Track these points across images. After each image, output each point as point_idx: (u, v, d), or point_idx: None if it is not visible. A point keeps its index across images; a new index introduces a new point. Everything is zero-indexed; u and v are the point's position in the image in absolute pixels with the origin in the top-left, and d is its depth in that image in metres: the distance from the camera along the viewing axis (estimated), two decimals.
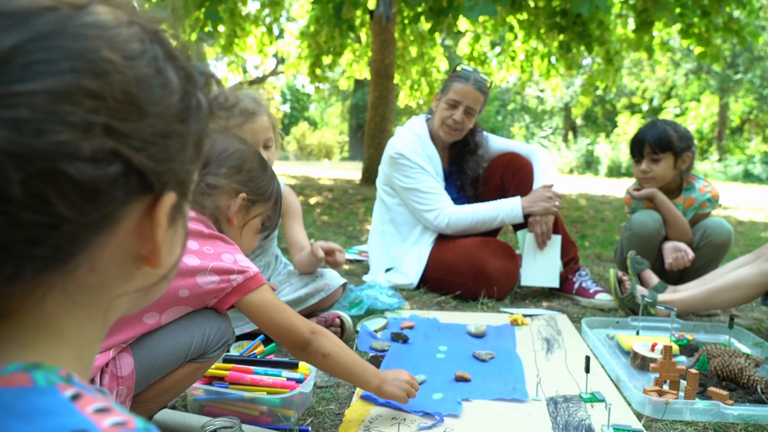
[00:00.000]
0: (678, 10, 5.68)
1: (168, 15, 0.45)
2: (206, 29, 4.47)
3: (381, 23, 6.97)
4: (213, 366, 1.36)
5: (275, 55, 10.53)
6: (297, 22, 10.15)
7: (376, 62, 7.09)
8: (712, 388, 1.36)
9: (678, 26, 5.98)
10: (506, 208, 2.34)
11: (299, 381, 1.30)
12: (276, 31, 8.89)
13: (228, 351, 1.58)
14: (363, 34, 8.87)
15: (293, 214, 1.96)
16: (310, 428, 1.22)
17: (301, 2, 9.00)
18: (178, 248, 0.47)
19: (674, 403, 1.29)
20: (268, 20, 8.21)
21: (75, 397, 0.35)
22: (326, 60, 8.52)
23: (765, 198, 8.68)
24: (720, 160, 16.48)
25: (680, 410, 1.29)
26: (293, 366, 1.36)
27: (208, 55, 8.46)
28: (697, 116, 20.18)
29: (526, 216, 2.34)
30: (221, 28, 6.57)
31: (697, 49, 6.11)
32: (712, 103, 19.71)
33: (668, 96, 20.98)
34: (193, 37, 4.53)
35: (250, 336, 1.68)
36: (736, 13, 5.95)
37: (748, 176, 14.06)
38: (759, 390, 1.37)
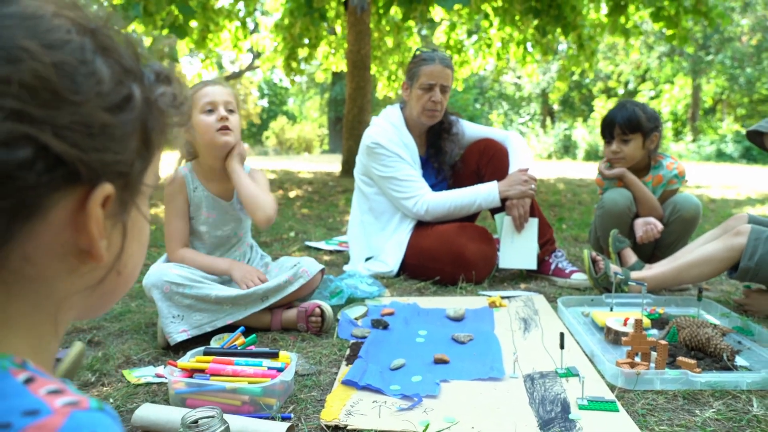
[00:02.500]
0: None
1: (116, 14, 0.46)
2: (178, 23, 4.41)
3: (356, 14, 6.94)
4: (194, 359, 1.37)
5: (251, 50, 10.41)
6: (272, 16, 10.04)
7: (353, 53, 7.07)
8: (681, 358, 1.41)
9: (649, 10, 6.06)
10: (483, 193, 2.37)
11: (280, 370, 1.32)
12: (251, 26, 8.80)
13: (208, 344, 1.59)
14: (338, 26, 8.82)
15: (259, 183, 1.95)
16: (292, 415, 1.23)
17: None
18: (125, 242, 0.47)
19: (645, 374, 1.34)
20: (242, 14, 8.12)
21: (28, 381, 0.36)
22: (302, 53, 8.47)
23: (736, 176, 8.87)
24: (694, 140, 16.78)
25: (651, 380, 1.34)
26: (274, 355, 1.37)
27: (181, 51, 8.33)
28: (671, 98, 20.51)
29: (504, 200, 2.37)
30: (193, 24, 6.48)
31: (668, 32, 6.20)
32: (686, 84, 20.04)
33: (643, 79, 21.27)
34: (165, 31, 4.47)
35: (229, 328, 1.69)
36: None
37: (720, 155, 14.35)
38: (725, 357, 1.43)
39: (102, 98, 0.40)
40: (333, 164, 11.39)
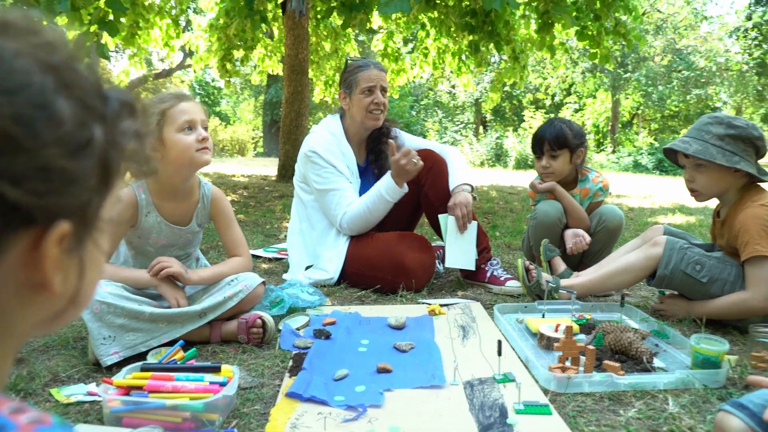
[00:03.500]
0: (574, 14, 6.10)
1: (83, 38, 0.45)
2: (107, 19, 4.20)
3: (294, 18, 6.89)
4: (130, 376, 1.32)
5: (182, 48, 10.06)
6: (205, 15, 9.76)
7: (290, 58, 7.00)
8: (606, 362, 1.51)
9: (574, 29, 6.42)
10: (382, 183, 2.38)
11: (223, 384, 1.30)
12: (183, 23, 8.51)
13: (145, 359, 1.54)
14: (275, 29, 8.71)
15: (225, 219, 1.93)
16: (236, 430, 1.22)
17: None
18: (83, 275, 0.46)
19: (575, 378, 1.43)
20: (174, 12, 7.83)
21: None
22: (237, 54, 8.29)
23: (651, 186, 9.55)
24: (614, 151, 17.87)
25: (580, 384, 1.43)
26: (216, 369, 1.35)
27: (109, 46, 7.92)
28: (593, 111, 21.77)
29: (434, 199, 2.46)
30: (122, 19, 6.18)
31: (591, 50, 6.59)
32: (606, 99, 21.34)
33: (568, 92, 22.45)
34: (94, 28, 4.24)
35: (167, 342, 1.63)
36: (624, 18, 6.48)
37: (637, 166, 15.34)
38: (645, 360, 1.54)
39: (62, 143, 0.40)
40: (268, 168, 11.20)
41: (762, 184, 1.92)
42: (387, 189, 2.36)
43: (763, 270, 1.78)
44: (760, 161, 1.92)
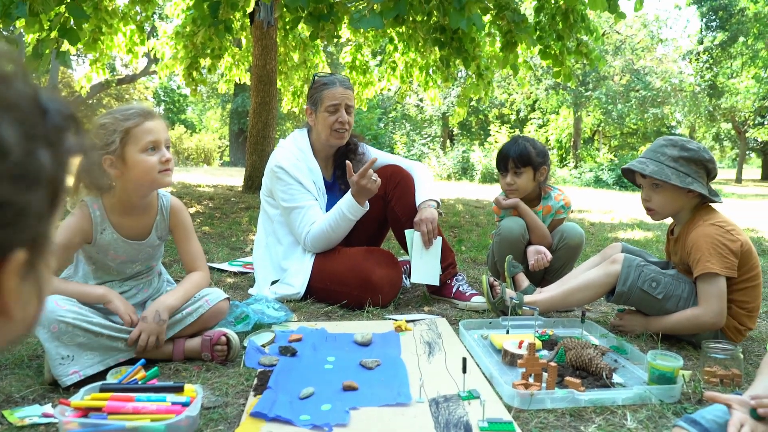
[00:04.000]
0: (537, 34, 6.29)
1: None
2: (68, 26, 4.09)
3: (262, 28, 6.87)
4: (89, 396, 1.28)
5: (147, 54, 9.88)
6: (171, 21, 9.62)
7: (258, 68, 6.97)
8: (568, 378, 1.55)
9: (538, 47, 6.61)
10: (344, 202, 2.39)
11: (185, 404, 1.27)
12: (148, 29, 8.36)
13: (104, 379, 1.49)
14: (243, 38, 8.65)
15: (184, 231, 1.89)
16: None
17: (175, 0, 8.56)
18: (41, 298, 0.46)
19: (537, 394, 1.46)
20: (138, 17, 7.69)
21: None
22: (204, 63, 8.19)
23: (611, 201, 9.84)
24: (576, 167, 18.36)
25: (543, 400, 1.46)
26: (178, 389, 1.32)
27: (71, 51, 7.71)
28: (557, 127, 22.39)
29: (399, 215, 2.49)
30: (84, 26, 6.03)
31: (554, 69, 6.80)
32: (569, 116, 21.98)
33: (533, 108, 23.02)
34: (54, 34, 4.12)
35: (128, 361, 1.59)
36: (585, 38, 6.71)
37: (598, 182, 15.79)
38: (604, 376, 1.59)
39: (9, 175, 0.38)
40: (235, 178, 11.06)
41: (713, 205, 2.01)
42: (348, 207, 2.37)
43: (713, 286, 1.86)
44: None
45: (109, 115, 1.63)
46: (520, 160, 2.53)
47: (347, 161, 2.39)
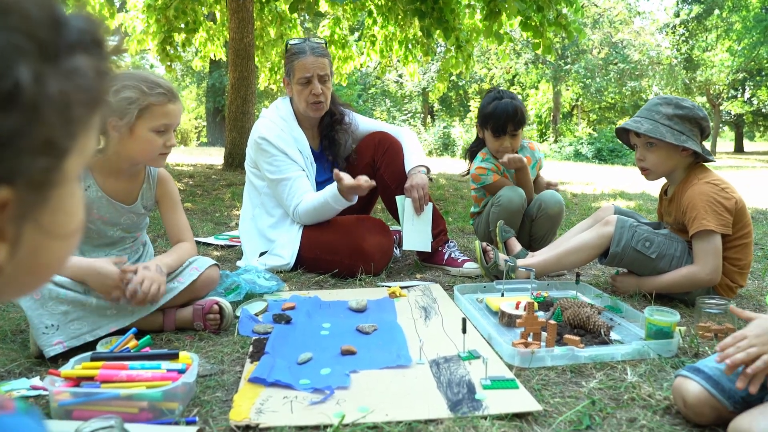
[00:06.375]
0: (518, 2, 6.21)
1: None
2: None
3: (238, 0, 6.66)
4: (79, 366, 1.23)
5: (117, 30, 9.52)
6: None
7: (235, 42, 6.78)
8: (567, 336, 1.54)
9: (519, 19, 6.54)
10: (329, 192, 2.32)
11: (181, 371, 1.23)
12: (117, 3, 8.06)
13: (94, 349, 1.44)
14: (218, 12, 8.40)
15: (170, 201, 1.83)
16: (197, 419, 1.16)
17: None
18: (34, 255, 0.41)
19: (538, 352, 1.45)
20: None
21: None
22: (178, 37, 7.94)
23: (591, 174, 9.92)
24: (556, 141, 18.46)
25: (543, 358, 1.45)
26: (173, 356, 1.28)
27: None
28: (536, 102, 22.39)
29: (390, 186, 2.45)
30: None
31: (534, 41, 6.75)
32: (548, 90, 21.99)
33: (512, 83, 22.97)
34: None
35: (117, 331, 1.54)
36: (565, 10, 6.65)
37: (578, 155, 15.91)
38: (602, 333, 1.59)
39: None
40: (214, 157, 10.87)
41: (706, 164, 2.01)
42: (335, 200, 2.31)
43: (709, 244, 1.86)
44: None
45: (132, 79, 1.56)
46: (520, 122, 2.53)
47: (335, 170, 2.29)
